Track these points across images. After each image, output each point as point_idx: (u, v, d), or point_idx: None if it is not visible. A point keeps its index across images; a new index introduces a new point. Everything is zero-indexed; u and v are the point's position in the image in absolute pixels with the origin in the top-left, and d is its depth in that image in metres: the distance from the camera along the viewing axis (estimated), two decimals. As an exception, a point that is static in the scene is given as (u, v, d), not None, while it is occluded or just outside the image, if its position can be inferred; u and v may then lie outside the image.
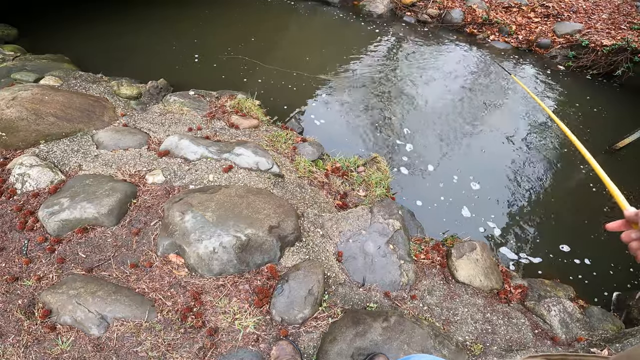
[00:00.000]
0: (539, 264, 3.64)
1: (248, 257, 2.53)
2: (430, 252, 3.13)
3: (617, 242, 3.28)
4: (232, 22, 6.71)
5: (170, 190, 2.95)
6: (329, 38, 6.78)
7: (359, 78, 5.86)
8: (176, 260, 2.52)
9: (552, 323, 2.81)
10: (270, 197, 2.91)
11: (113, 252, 2.53)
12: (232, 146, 3.42)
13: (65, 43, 5.35)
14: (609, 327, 2.88)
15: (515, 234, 3.88)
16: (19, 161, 2.96)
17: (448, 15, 7.66)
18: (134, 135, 3.43)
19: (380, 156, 4.03)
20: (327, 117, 5.03)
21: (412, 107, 5.40)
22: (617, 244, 3.33)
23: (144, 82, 4.55)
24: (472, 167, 4.53)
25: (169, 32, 6.11)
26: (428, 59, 6.67)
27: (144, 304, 2.28)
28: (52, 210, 2.59)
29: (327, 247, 2.86)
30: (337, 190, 3.55)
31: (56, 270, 2.40)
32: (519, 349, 2.55)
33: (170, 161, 3.22)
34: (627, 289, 3.49)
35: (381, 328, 2.32)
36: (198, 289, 2.40)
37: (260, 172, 3.26)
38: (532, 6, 8.03)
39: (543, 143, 5.10)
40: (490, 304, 2.84)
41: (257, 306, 2.38)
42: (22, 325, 2.13)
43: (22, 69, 4.35)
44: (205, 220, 2.54)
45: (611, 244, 3.84)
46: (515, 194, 4.30)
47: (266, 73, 5.54)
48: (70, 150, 3.21)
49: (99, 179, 2.90)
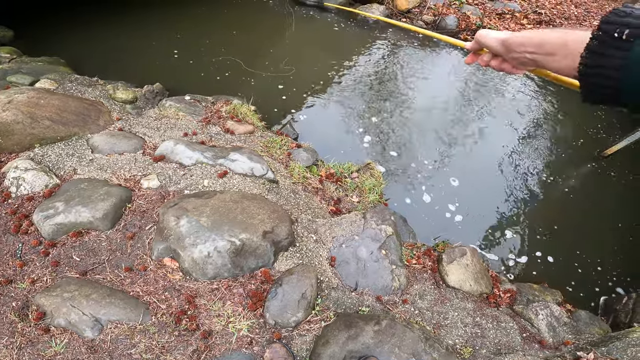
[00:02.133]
0: (526, 268, 3.70)
1: (242, 261, 2.56)
2: (421, 257, 3.17)
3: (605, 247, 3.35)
4: (228, 27, 6.74)
5: (166, 195, 2.98)
6: (325, 43, 6.84)
7: (354, 84, 5.92)
8: (171, 264, 2.54)
9: (540, 327, 2.87)
10: (264, 203, 2.95)
11: (107, 255, 2.55)
12: (227, 152, 3.45)
13: (62, 46, 5.35)
14: (595, 331, 2.93)
15: (503, 238, 3.94)
16: (14, 165, 2.97)
17: (443, 21, 7.75)
18: (129, 139, 3.45)
19: (374, 162, 4.08)
20: (322, 124, 5.07)
21: (406, 113, 5.45)
22: (606, 249, 3.40)
23: (139, 86, 4.56)
24: (463, 170, 4.58)
25: (165, 37, 6.13)
26: (422, 64, 6.75)
27: (138, 307, 2.31)
28: (46, 214, 2.61)
29: (321, 252, 2.90)
30: (331, 196, 3.59)
31: (50, 273, 2.42)
32: (508, 352, 2.60)
33: (165, 166, 3.24)
34: (614, 294, 3.56)
35: (373, 331, 2.35)
36: (192, 293, 2.43)
37: (255, 178, 3.30)
38: (525, 13, 8.16)
39: (535, 146, 5.17)
40: (480, 308, 2.89)
41: (251, 310, 2.41)
42: (15, 327, 2.15)
43: (18, 71, 4.35)
44: (200, 225, 2.57)
45: (600, 248, 3.91)
46: (504, 198, 4.37)
47: (262, 79, 5.58)
48: (65, 154, 3.23)
49: (94, 183, 2.92)
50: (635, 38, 0.65)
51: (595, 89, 0.73)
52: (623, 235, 4.11)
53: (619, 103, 0.72)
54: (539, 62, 0.87)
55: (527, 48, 0.88)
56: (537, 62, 0.88)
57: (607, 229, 4.18)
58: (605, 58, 0.68)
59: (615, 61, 0.67)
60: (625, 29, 0.66)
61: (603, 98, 0.74)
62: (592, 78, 0.72)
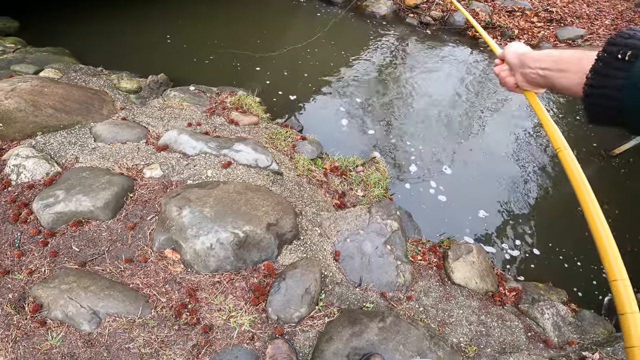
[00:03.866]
0: (531, 267, 3.64)
1: (245, 254, 2.51)
2: (427, 254, 3.12)
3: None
4: (233, 20, 6.67)
5: (168, 184, 2.93)
6: (332, 38, 6.76)
7: (360, 78, 5.85)
8: (172, 256, 2.50)
9: (545, 326, 2.81)
10: (268, 195, 2.90)
11: (108, 246, 2.51)
12: (231, 142, 3.40)
13: (67, 37, 5.30)
14: (600, 331, 2.89)
15: (508, 236, 3.88)
16: (15, 152, 2.93)
17: (451, 17, 7.64)
18: (132, 129, 3.41)
19: (380, 157, 4.02)
20: (327, 117, 5.01)
21: (414, 107, 5.39)
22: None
23: (144, 76, 4.52)
24: (469, 169, 4.52)
25: (170, 28, 6.08)
26: (429, 61, 6.66)
27: (137, 300, 2.26)
28: (46, 203, 2.56)
29: (325, 246, 2.85)
30: (336, 190, 3.53)
31: (48, 264, 2.37)
32: (512, 352, 2.55)
33: (168, 156, 3.20)
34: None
35: (377, 328, 2.31)
36: (193, 286, 2.39)
37: (259, 169, 3.25)
38: (535, 11, 8.04)
39: (540, 146, 5.09)
40: (485, 307, 2.84)
41: (253, 304, 2.37)
42: (11, 320, 2.10)
43: (22, 61, 4.31)
44: (203, 215, 2.52)
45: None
46: (508, 196, 4.30)
47: (267, 71, 5.52)
48: (68, 143, 3.19)
49: (95, 171, 2.88)
50: (636, 59, 0.67)
51: (599, 110, 0.75)
52: (629, 234, 4.03)
53: (621, 124, 0.73)
54: (549, 78, 0.88)
55: (542, 64, 0.89)
56: (547, 78, 0.88)
57: (613, 227, 4.10)
58: (608, 79, 0.71)
59: (617, 81, 0.69)
60: (628, 50, 0.68)
61: (607, 119, 0.75)
62: (596, 99, 0.74)
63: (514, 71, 1.02)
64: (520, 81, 1.00)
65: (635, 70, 0.66)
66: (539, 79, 0.91)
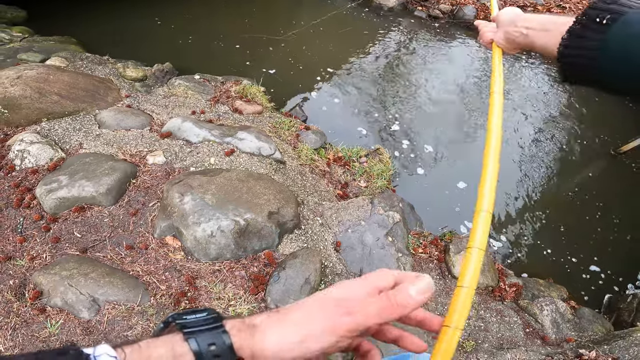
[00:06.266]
0: (534, 263, 3.62)
1: (246, 242, 2.52)
2: (428, 247, 3.11)
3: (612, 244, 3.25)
4: (239, 12, 6.64)
5: (171, 171, 2.94)
6: (337, 30, 6.70)
7: (366, 70, 5.81)
8: (173, 243, 2.51)
9: (544, 322, 2.81)
10: (271, 183, 2.90)
11: (109, 232, 2.52)
12: (235, 130, 3.40)
13: (74, 26, 5.29)
14: (598, 329, 2.88)
15: (512, 231, 3.86)
16: (20, 138, 2.94)
17: (460, 11, 7.54)
18: (137, 116, 3.41)
19: (383, 148, 4.00)
20: (331, 107, 4.99)
21: (418, 101, 5.35)
22: (612, 246, 3.31)
23: (150, 65, 4.52)
24: (475, 164, 4.49)
25: (177, 19, 6.06)
26: (437, 55, 6.59)
27: (137, 287, 2.26)
28: (49, 188, 2.58)
29: (326, 236, 2.85)
30: (338, 180, 3.53)
31: (50, 250, 2.38)
32: (510, 347, 2.55)
33: (172, 143, 3.20)
34: (621, 292, 3.48)
35: (375, 319, 2.30)
36: (193, 274, 2.39)
37: (262, 158, 3.24)
38: (548, 6, 7.91)
39: (547, 142, 5.04)
40: (485, 301, 2.83)
41: (252, 293, 2.37)
42: (11, 307, 2.10)
43: (29, 49, 4.32)
44: (205, 202, 2.53)
45: (606, 245, 3.81)
46: (512, 193, 4.27)
47: (272, 62, 5.50)
48: (72, 129, 3.20)
49: (99, 157, 2.89)
50: (613, 22, 0.69)
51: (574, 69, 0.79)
52: (630, 233, 3.99)
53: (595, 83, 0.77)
54: (530, 37, 0.90)
55: (529, 24, 0.91)
56: (528, 37, 0.91)
57: (615, 225, 4.06)
58: (584, 40, 0.74)
59: (593, 43, 0.72)
60: (607, 14, 0.70)
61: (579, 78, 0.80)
62: (571, 58, 0.77)
63: (498, 29, 1.04)
64: (499, 38, 1.02)
65: (611, 32, 0.69)
66: (520, 37, 0.93)
